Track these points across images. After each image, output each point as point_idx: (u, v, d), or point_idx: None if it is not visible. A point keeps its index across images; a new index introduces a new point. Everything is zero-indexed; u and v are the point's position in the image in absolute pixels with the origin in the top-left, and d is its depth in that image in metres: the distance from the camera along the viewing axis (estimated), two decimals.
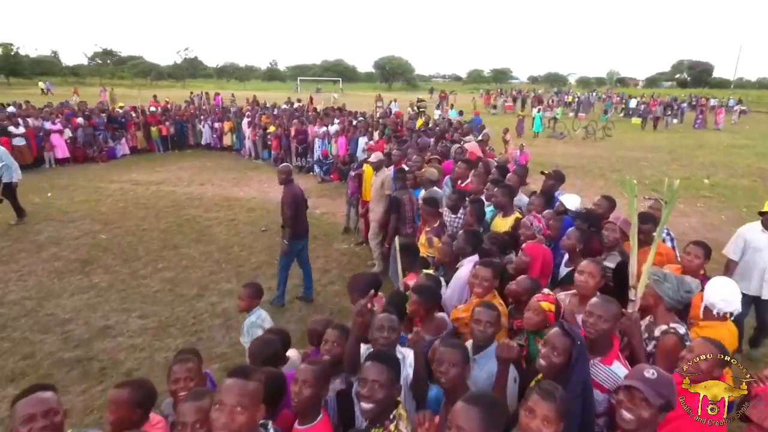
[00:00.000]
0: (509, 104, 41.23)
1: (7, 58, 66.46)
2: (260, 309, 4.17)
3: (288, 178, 6.05)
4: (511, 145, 15.46)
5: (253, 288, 4.16)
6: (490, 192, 5.24)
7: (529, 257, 3.61)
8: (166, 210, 10.39)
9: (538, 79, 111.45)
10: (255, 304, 4.13)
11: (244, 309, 4.13)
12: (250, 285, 4.24)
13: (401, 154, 7.43)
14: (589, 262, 3.03)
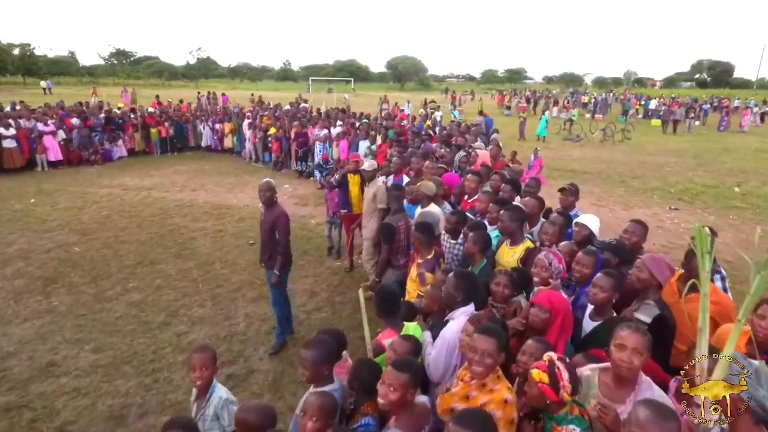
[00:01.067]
0: (523, 105, 40.08)
1: (22, 59, 67.04)
2: (215, 381, 3.06)
3: (273, 198, 5.10)
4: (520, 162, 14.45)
5: (208, 354, 3.02)
6: (494, 214, 4.39)
7: (547, 313, 2.74)
8: (151, 219, 9.69)
9: (553, 79, 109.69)
10: (213, 374, 3.04)
11: (203, 385, 2.96)
12: (204, 350, 3.06)
13: (401, 162, 6.57)
14: (632, 333, 2.15)
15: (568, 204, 5.12)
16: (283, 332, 5.28)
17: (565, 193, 5.19)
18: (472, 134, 9.76)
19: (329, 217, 7.71)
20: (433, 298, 3.12)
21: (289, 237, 5.08)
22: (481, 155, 7.32)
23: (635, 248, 3.76)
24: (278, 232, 4.97)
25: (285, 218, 5.01)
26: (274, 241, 5.03)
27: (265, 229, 5.06)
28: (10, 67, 65.59)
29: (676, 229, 9.67)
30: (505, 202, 4.47)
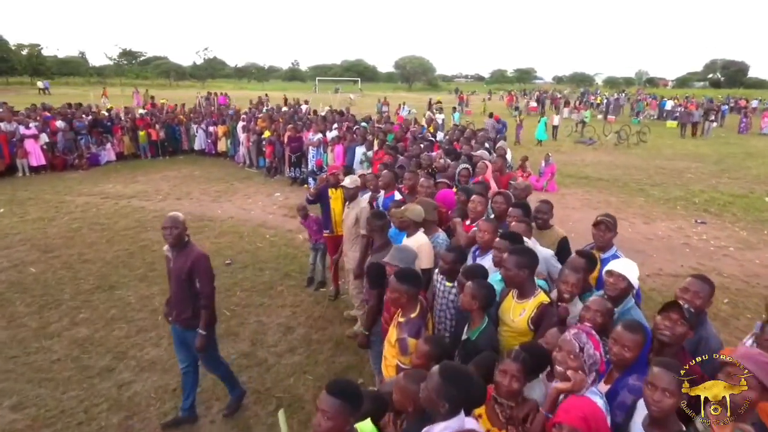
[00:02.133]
0: (533, 105, 38.94)
1: (29, 59, 67.05)
2: None
3: (183, 237, 3.84)
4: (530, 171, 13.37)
5: None
6: (498, 253, 3.44)
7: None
8: (123, 233, 8.85)
9: (563, 79, 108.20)
10: None
11: None
12: None
13: (389, 175, 5.62)
14: None
15: (605, 242, 4.01)
16: (235, 387, 4.33)
17: (601, 228, 4.00)
18: (478, 141, 8.75)
19: (312, 242, 6.79)
20: (406, 395, 2.18)
21: (213, 284, 3.94)
22: (483, 169, 6.34)
23: (697, 312, 2.80)
24: (199, 280, 3.78)
25: (205, 262, 3.86)
26: (192, 293, 3.82)
27: (177, 278, 3.82)
28: (18, 68, 65.50)
29: (705, 247, 8.64)
30: (515, 238, 3.50)
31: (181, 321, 3.93)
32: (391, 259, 3.40)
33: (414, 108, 35.56)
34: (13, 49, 66.61)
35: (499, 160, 6.72)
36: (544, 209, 4.52)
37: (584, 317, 2.66)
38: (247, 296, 6.42)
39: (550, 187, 12.59)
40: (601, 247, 3.94)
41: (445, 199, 5.17)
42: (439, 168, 6.47)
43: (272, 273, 7.14)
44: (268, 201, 11.21)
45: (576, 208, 11.04)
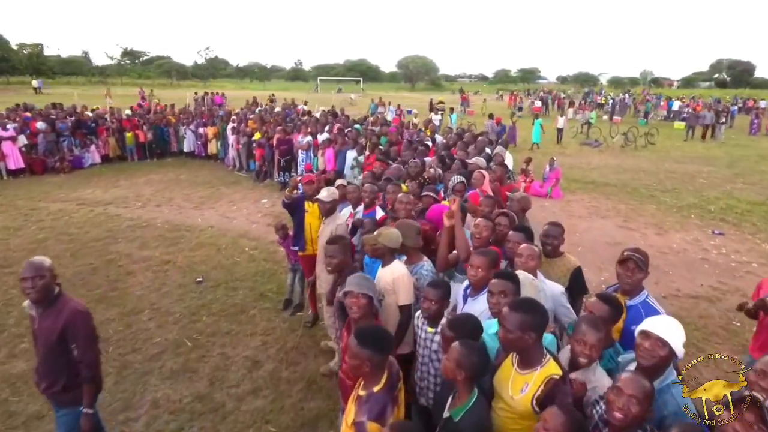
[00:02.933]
0: (537, 106, 38.07)
1: (30, 59, 66.72)
2: None
3: (51, 289, 2.96)
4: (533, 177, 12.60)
5: None
6: (495, 298, 2.71)
7: None
8: (92, 245, 8.15)
9: (567, 79, 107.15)
10: None
11: None
12: None
13: (371, 190, 4.89)
14: None
15: (633, 284, 3.06)
16: None
17: (629, 266, 3.05)
18: (477, 147, 7.99)
19: (290, 263, 6.08)
20: None
21: (97, 347, 3.05)
22: (479, 180, 5.60)
23: None
24: (76, 345, 2.87)
25: (83, 320, 2.94)
26: (66, 360, 2.90)
27: (46, 342, 2.91)
28: (20, 67, 65.15)
29: (726, 263, 7.87)
30: (510, 278, 2.77)
31: (52, 395, 3.02)
32: (349, 285, 2.72)
33: (416, 108, 34.95)
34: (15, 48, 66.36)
35: (498, 169, 5.96)
36: (554, 233, 3.79)
37: (613, 404, 1.92)
38: (214, 322, 5.71)
39: (554, 193, 11.84)
40: (629, 290, 3.08)
41: (435, 217, 4.45)
42: (431, 178, 5.74)
43: (246, 293, 6.43)
44: (254, 208, 10.50)
45: (582, 216, 10.28)
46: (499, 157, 6.99)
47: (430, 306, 2.92)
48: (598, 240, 8.79)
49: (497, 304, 2.65)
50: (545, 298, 2.92)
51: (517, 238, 3.61)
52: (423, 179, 5.67)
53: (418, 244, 3.54)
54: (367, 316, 2.76)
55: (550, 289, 3.21)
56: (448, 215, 3.49)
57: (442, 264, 3.56)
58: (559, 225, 3.87)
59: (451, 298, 3.12)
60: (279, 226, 6.14)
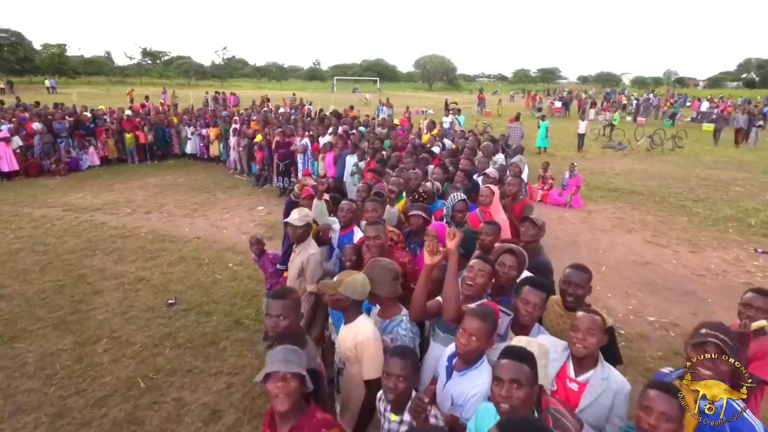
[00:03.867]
0: (557, 106, 36.81)
1: (52, 59, 67.70)
2: None
3: None
4: (552, 183, 11.63)
5: None
6: (504, 386, 1.86)
7: None
8: (66, 257, 7.51)
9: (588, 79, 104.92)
10: None
11: None
12: None
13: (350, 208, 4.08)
14: None
15: (719, 374, 2.21)
16: None
17: (707, 352, 2.22)
18: (486, 154, 7.08)
19: (267, 286, 5.31)
20: None
21: None
22: (488, 199, 4.70)
23: None
24: None
25: None
26: None
27: None
28: (42, 67, 66.12)
29: None
30: (526, 359, 1.91)
31: None
32: (272, 363, 1.92)
33: (431, 109, 34.00)
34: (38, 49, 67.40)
35: (513, 183, 5.05)
36: (579, 280, 2.90)
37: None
38: (178, 356, 4.96)
39: (574, 201, 10.86)
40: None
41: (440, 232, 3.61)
42: (426, 193, 4.89)
43: (220, 320, 5.67)
44: (248, 216, 9.79)
45: (606, 230, 9.30)
46: (516, 167, 6.07)
47: (395, 385, 2.11)
48: (623, 258, 7.82)
49: (508, 398, 1.81)
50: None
51: (530, 293, 2.68)
52: (416, 194, 4.83)
53: (395, 292, 2.70)
54: (298, 406, 1.94)
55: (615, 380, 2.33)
56: (430, 250, 2.62)
57: (418, 312, 2.71)
58: (585, 270, 2.97)
59: (429, 366, 2.29)
60: (254, 240, 5.39)
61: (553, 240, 8.49)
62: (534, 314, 2.61)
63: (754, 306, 2.84)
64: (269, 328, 2.52)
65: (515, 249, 3.08)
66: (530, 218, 3.76)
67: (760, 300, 2.83)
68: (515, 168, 5.97)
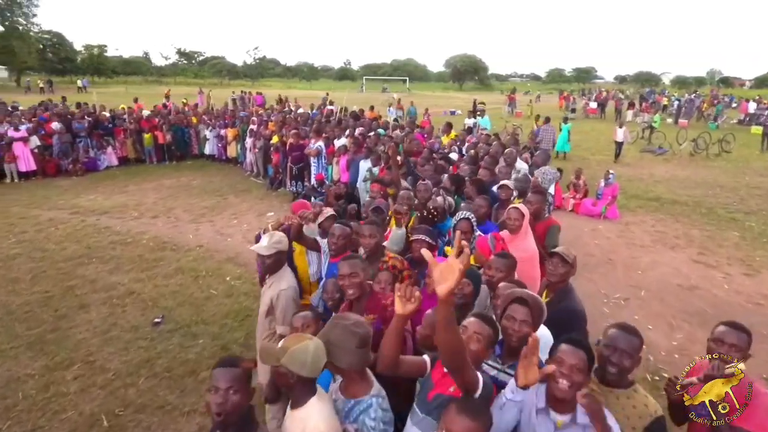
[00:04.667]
0: (592, 107, 35.14)
1: (91, 59, 69.90)
2: None
3: None
4: (587, 188, 10.71)
5: None
6: None
7: None
8: (61, 265, 7.15)
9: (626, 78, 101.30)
10: None
11: None
12: None
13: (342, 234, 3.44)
14: None
15: None
16: None
17: None
18: (507, 162, 6.31)
19: None
20: None
21: None
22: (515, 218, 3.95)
23: None
24: None
25: None
26: None
27: None
28: (81, 67, 68.33)
29: None
30: None
31: None
32: None
33: (460, 109, 33.07)
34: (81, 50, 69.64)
35: (533, 201, 4.28)
36: (628, 346, 2.16)
37: None
38: (151, 387, 4.43)
39: (610, 212, 9.92)
40: None
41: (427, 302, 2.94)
42: (437, 210, 4.20)
43: (206, 344, 5.13)
44: (256, 222, 9.29)
45: (645, 246, 8.38)
46: (538, 186, 5.27)
47: None
48: (666, 281, 6.92)
49: None
50: None
51: (573, 358, 1.98)
52: (426, 211, 4.15)
53: (361, 363, 2.01)
54: None
55: None
56: (402, 295, 1.88)
57: (386, 364, 2.00)
58: (635, 333, 2.22)
59: None
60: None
61: (586, 256, 7.65)
62: (574, 379, 1.93)
63: (727, 342, 2.38)
64: (215, 407, 1.91)
65: (528, 298, 2.35)
66: (559, 253, 3.02)
67: (734, 335, 2.39)
68: (537, 187, 5.18)
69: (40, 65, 59.93)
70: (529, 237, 3.85)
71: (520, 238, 3.76)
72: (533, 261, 3.70)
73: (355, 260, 2.70)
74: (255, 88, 46.15)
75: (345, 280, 2.60)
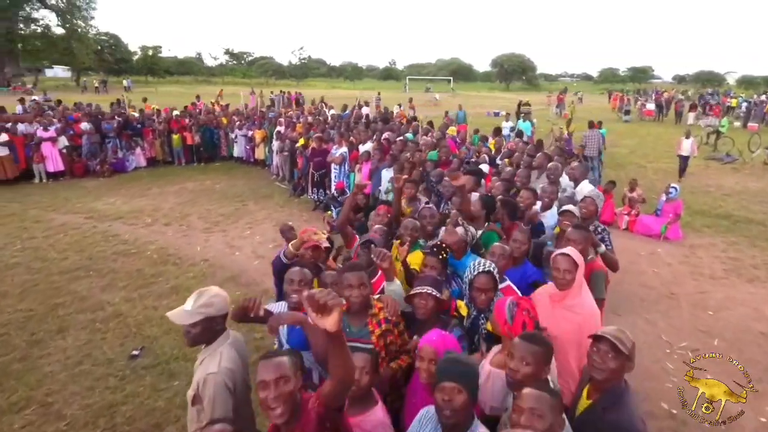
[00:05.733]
0: (649, 109, 32.60)
1: (145, 59, 72.60)
2: None
3: None
4: (644, 198, 9.42)
5: None
6: None
7: None
8: (55, 278, 6.67)
9: (686, 78, 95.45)
10: None
11: None
12: None
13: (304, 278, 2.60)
14: None
15: None
16: None
17: None
18: (550, 179, 5.21)
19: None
20: None
21: None
22: (566, 268, 2.91)
23: None
24: None
25: None
26: None
27: None
28: (136, 68, 71.10)
29: None
30: None
31: None
32: None
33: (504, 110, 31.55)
34: (136, 51, 72.46)
35: (578, 239, 3.24)
36: None
37: None
38: None
39: (671, 232, 8.58)
40: None
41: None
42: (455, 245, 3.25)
43: (181, 386, 4.37)
44: (270, 234, 8.58)
45: (716, 277, 7.05)
46: (587, 208, 4.15)
47: None
48: (746, 326, 5.64)
49: None
50: None
51: None
52: (436, 248, 3.20)
53: None
54: None
55: None
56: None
57: None
58: None
59: None
60: (285, 227, 4.66)
61: (642, 289, 6.47)
62: None
63: None
64: None
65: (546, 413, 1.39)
66: (609, 339, 2.03)
67: None
68: (586, 209, 4.07)
69: (97, 65, 62.59)
70: (585, 294, 2.85)
71: (572, 296, 2.77)
72: (592, 322, 2.71)
73: (279, 360, 1.84)
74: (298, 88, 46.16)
75: (268, 396, 1.75)
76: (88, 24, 55.68)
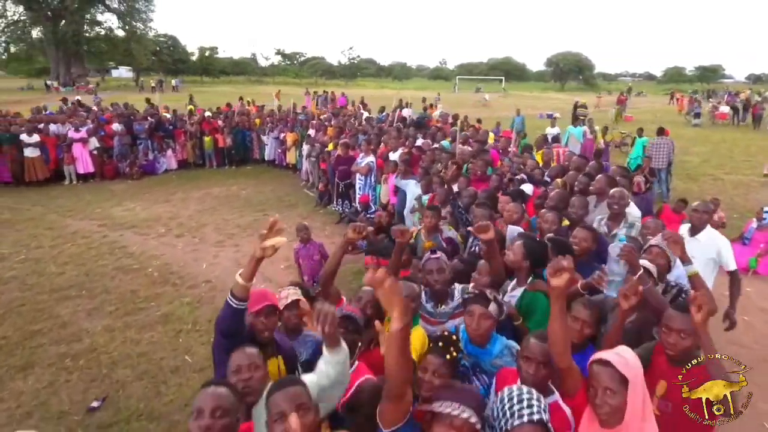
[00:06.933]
0: (722, 111, 29.42)
1: (201, 60, 74.89)
2: None
3: None
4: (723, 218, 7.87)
5: None
6: None
7: None
8: (44, 298, 6.11)
9: (761, 78, 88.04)
10: None
11: None
12: None
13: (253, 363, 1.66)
14: None
15: None
16: None
17: None
18: (612, 210, 3.94)
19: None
20: None
21: None
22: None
23: None
24: None
25: None
26: None
27: None
28: (192, 68, 73.50)
29: None
30: None
31: None
32: None
33: (558, 112, 29.56)
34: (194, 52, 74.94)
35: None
36: None
37: None
38: None
39: (763, 266, 7.03)
40: None
41: None
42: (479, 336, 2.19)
43: None
44: (285, 250, 7.66)
45: None
46: (656, 248, 2.93)
47: None
48: None
49: None
50: None
51: None
52: (442, 342, 2.14)
53: None
54: None
55: None
56: None
57: None
58: None
59: None
60: (301, 227, 5.40)
61: (729, 347, 5.08)
62: None
63: None
64: None
65: None
66: None
67: None
68: (656, 249, 2.83)
69: (156, 66, 65.00)
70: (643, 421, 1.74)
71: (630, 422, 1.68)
72: None
73: None
74: (347, 89, 45.62)
75: None
76: (147, 26, 57.78)
